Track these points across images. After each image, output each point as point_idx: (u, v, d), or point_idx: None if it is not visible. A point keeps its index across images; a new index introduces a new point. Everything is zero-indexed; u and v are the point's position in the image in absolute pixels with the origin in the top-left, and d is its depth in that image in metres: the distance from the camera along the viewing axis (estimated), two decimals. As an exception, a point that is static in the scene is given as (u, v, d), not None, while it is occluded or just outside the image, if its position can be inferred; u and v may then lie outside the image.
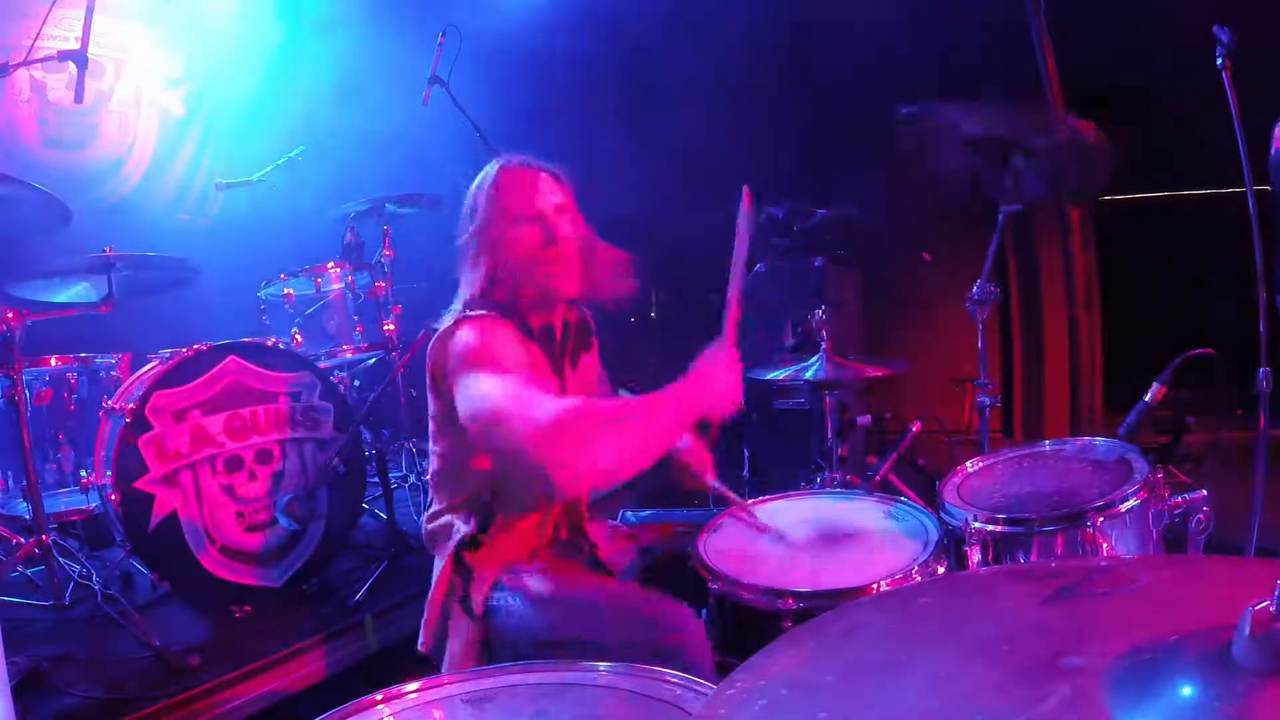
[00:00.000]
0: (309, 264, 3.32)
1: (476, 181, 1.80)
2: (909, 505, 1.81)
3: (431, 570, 1.77)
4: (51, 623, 2.47)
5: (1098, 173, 2.64)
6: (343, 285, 3.35)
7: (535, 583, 1.64)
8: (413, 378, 3.33)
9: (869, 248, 4.35)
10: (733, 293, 1.64)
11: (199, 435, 2.56)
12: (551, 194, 1.76)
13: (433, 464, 1.82)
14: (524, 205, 1.72)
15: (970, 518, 1.60)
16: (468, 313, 1.69)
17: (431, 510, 1.82)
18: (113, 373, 2.97)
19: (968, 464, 1.92)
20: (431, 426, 1.78)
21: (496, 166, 1.79)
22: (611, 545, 1.86)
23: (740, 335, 1.62)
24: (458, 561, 1.70)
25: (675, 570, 1.74)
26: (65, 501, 2.82)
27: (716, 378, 1.53)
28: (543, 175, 1.77)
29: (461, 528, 1.72)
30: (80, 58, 2.42)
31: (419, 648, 1.73)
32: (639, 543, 1.91)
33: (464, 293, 1.77)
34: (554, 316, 1.82)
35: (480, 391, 1.53)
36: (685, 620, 1.50)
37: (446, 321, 1.70)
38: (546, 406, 1.44)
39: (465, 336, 1.63)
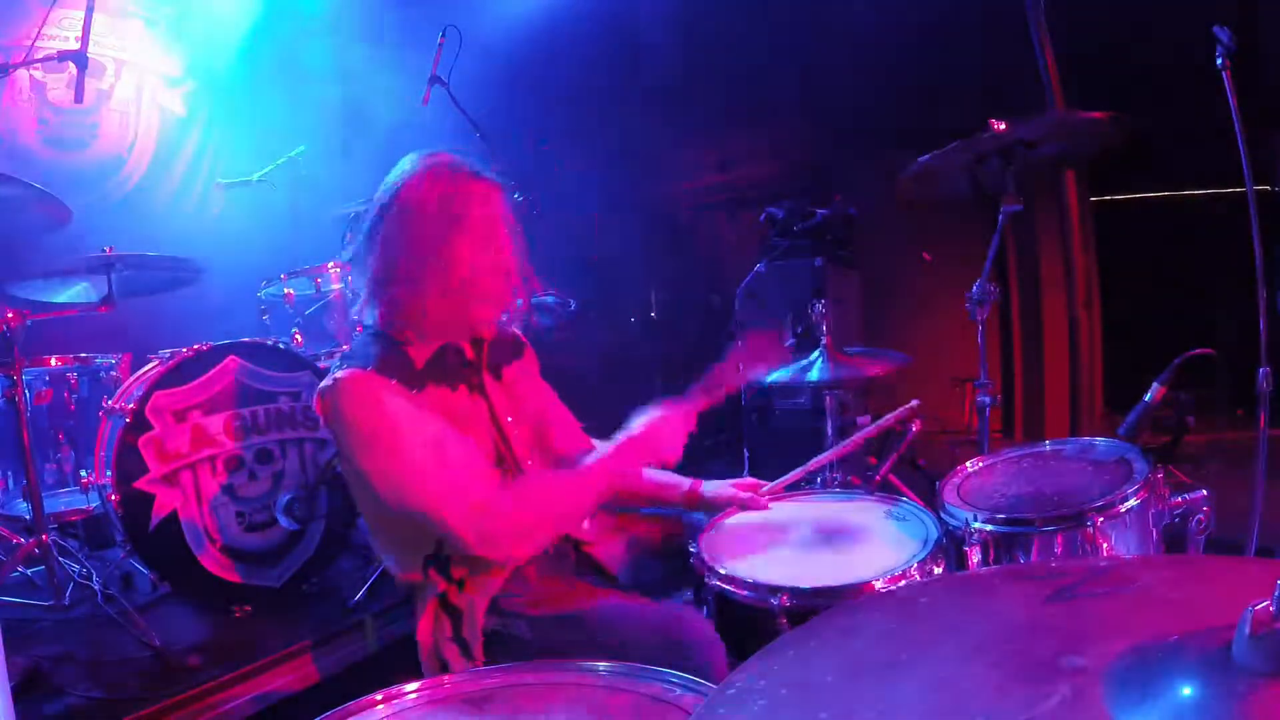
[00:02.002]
0: (309, 264, 3.32)
1: (401, 178, 1.62)
2: (909, 505, 1.80)
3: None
4: (51, 623, 2.47)
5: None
6: (343, 285, 3.35)
7: (533, 608, 1.57)
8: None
9: (869, 248, 4.35)
10: (717, 374, 1.75)
11: (199, 435, 2.55)
12: (500, 205, 1.63)
13: (365, 520, 1.71)
14: (473, 214, 1.59)
15: (970, 518, 1.60)
16: (342, 371, 1.54)
17: (384, 557, 1.69)
18: (113, 373, 2.98)
19: (968, 464, 1.92)
20: (345, 472, 1.66)
21: (433, 164, 1.62)
22: (602, 541, 1.82)
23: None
24: (442, 603, 1.60)
25: (673, 567, 1.74)
26: (65, 501, 2.82)
27: (666, 434, 1.63)
28: (486, 182, 1.63)
29: (433, 588, 1.60)
30: (80, 58, 2.42)
31: None
32: (631, 534, 1.87)
33: (364, 312, 1.67)
34: (460, 336, 1.70)
35: (392, 482, 1.49)
36: (694, 623, 1.47)
37: (326, 379, 1.56)
38: (477, 503, 1.47)
39: (345, 407, 1.51)
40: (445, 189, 1.59)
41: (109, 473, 2.46)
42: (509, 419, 1.75)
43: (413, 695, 1.06)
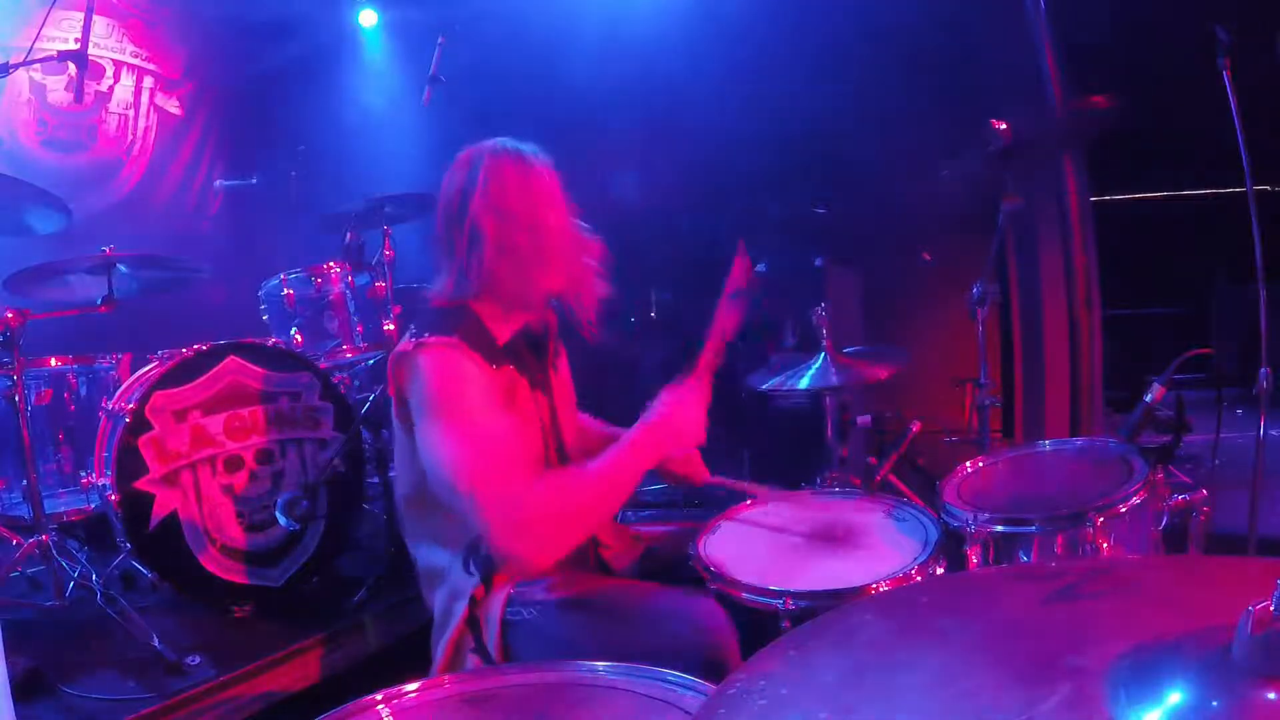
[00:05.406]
0: (309, 264, 3.32)
1: (467, 168, 1.67)
2: (909, 505, 1.80)
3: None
4: (51, 623, 2.47)
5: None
6: (343, 285, 3.35)
7: (550, 596, 1.57)
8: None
9: (869, 248, 4.34)
10: (713, 333, 1.68)
11: (199, 435, 2.55)
12: (545, 188, 1.69)
13: (400, 488, 1.70)
14: (520, 200, 1.64)
15: (970, 518, 1.60)
16: (427, 337, 1.55)
17: (416, 545, 1.70)
18: (113, 373, 2.97)
19: (968, 464, 1.92)
20: (397, 448, 1.68)
21: (489, 155, 1.68)
22: (616, 545, 1.85)
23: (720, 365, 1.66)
24: (469, 621, 1.60)
25: (675, 571, 1.74)
26: (65, 501, 2.82)
27: (682, 417, 1.57)
28: (537, 167, 1.69)
29: (464, 584, 1.61)
30: (80, 58, 2.42)
31: None
32: (648, 544, 1.89)
33: (436, 286, 1.68)
34: (532, 318, 1.73)
35: (443, 453, 1.47)
36: (711, 612, 1.47)
37: (406, 340, 1.58)
38: (514, 493, 1.41)
39: (425, 370, 1.52)
40: (513, 177, 1.65)
41: (109, 473, 2.46)
42: (562, 417, 1.79)
43: (413, 695, 1.06)
